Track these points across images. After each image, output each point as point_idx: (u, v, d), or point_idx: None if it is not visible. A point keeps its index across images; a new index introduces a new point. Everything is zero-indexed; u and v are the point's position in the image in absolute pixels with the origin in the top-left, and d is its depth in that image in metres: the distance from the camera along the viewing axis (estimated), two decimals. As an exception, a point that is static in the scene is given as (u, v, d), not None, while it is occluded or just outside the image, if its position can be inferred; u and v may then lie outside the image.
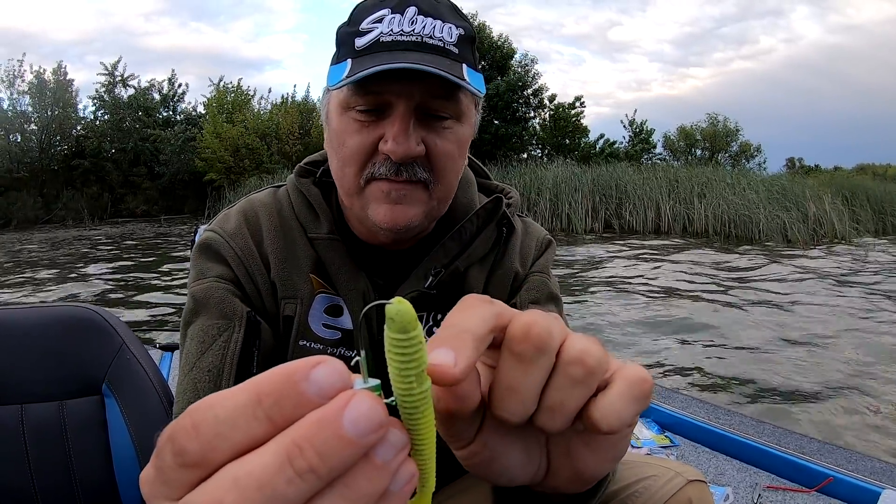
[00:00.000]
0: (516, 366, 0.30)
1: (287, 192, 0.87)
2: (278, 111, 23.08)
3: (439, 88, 0.71)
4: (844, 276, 7.91)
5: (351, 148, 0.73)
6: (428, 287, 0.80)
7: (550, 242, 0.95)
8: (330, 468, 0.20)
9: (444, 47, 0.71)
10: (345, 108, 0.74)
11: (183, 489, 0.21)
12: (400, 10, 0.71)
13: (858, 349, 4.48)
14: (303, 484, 0.20)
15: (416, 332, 0.23)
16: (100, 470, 1.10)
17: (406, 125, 0.71)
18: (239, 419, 0.21)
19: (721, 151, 27.33)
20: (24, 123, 22.62)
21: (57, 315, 1.13)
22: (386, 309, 0.23)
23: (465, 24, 0.75)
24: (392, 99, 0.71)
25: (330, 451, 0.20)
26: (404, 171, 0.72)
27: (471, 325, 0.29)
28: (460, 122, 0.76)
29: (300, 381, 0.21)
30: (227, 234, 0.82)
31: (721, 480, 2.04)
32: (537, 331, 0.30)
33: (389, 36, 0.70)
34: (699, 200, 13.85)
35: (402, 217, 0.74)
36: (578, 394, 0.31)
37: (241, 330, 0.76)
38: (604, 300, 6.39)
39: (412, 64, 0.66)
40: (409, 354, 0.23)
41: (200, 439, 0.21)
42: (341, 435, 0.20)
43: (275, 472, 0.20)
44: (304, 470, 0.20)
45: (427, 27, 0.71)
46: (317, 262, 0.81)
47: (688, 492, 0.93)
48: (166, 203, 23.33)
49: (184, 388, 0.75)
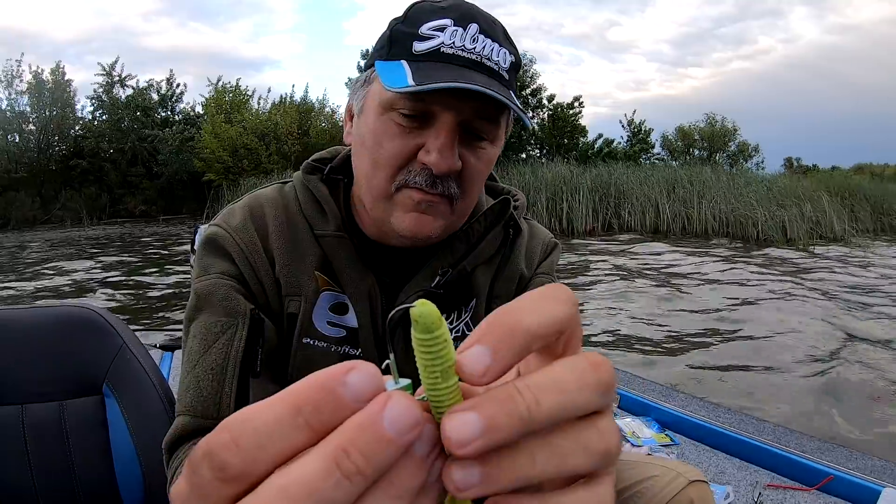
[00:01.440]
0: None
1: (294, 188, 0.86)
2: (277, 111, 23.04)
3: (488, 110, 0.71)
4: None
5: (389, 151, 0.72)
6: (435, 286, 0.80)
7: (556, 245, 0.96)
8: (375, 468, 0.21)
9: (499, 71, 0.72)
10: (386, 109, 0.72)
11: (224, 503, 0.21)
12: (462, 25, 0.70)
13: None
14: (351, 486, 0.20)
15: (440, 331, 0.23)
16: (100, 470, 1.09)
17: (452, 140, 0.71)
18: (279, 430, 0.21)
19: (719, 151, 27.34)
20: (22, 123, 22.61)
21: (57, 315, 1.13)
22: (410, 311, 0.23)
23: (515, 51, 0.76)
24: (440, 111, 0.70)
25: (374, 452, 0.20)
26: (440, 185, 0.72)
27: (529, 323, 0.25)
28: (494, 144, 0.77)
29: (337, 387, 0.21)
30: (231, 229, 0.81)
31: (721, 479, 2.04)
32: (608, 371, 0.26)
33: (451, 49, 0.70)
34: (698, 200, 13.87)
35: (426, 228, 0.74)
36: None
37: (245, 328, 0.75)
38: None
39: (481, 87, 0.66)
40: (434, 353, 0.23)
41: (242, 453, 0.21)
42: (383, 435, 0.21)
43: (323, 477, 0.20)
44: (351, 472, 0.20)
45: (487, 48, 0.71)
46: (323, 260, 0.81)
47: (689, 492, 0.94)
48: (165, 203, 23.28)
49: (186, 386, 0.75)
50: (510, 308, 0.25)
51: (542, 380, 0.24)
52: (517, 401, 0.22)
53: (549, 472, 0.23)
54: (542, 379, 0.24)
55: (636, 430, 2.34)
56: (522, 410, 0.22)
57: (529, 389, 0.23)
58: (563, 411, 0.23)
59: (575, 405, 0.24)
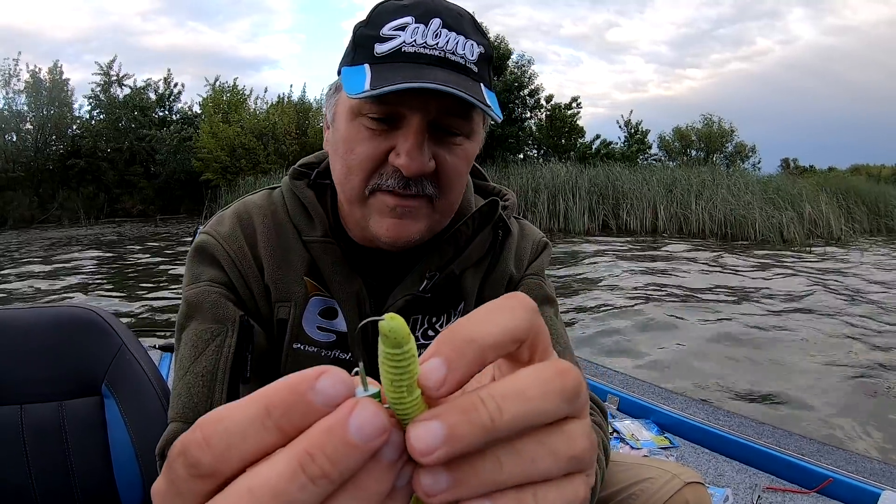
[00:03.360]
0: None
1: (282, 193, 0.86)
2: (275, 111, 23.02)
3: (456, 106, 0.70)
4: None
5: (360, 156, 0.72)
6: (422, 290, 0.80)
7: (546, 245, 0.95)
8: (341, 472, 0.21)
9: (465, 65, 0.70)
10: (355, 114, 0.72)
11: (196, 500, 0.22)
12: (424, 21, 0.69)
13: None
14: (316, 489, 0.21)
15: (408, 346, 0.23)
16: (99, 470, 1.09)
17: (420, 141, 0.69)
18: (249, 430, 0.22)
19: (716, 152, 27.41)
20: (19, 123, 22.52)
21: (56, 315, 1.13)
22: (379, 325, 0.23)
23: (485, 41, 0.73)
24: (407, 112, 0.69)
25: (340, 456, 0.21)
26: (413, 186, 0.71)
27: (482, 335, 0.25)
28: (470, 139, 0.75)
29: (307, 391, 0.22)
30: (221, 236, 0.81)
31: (721, 482, 2.04)
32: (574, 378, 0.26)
33: (412, 47, 0.68)
34: (696, 201, 13.89)
35: (405, 232, 0.73)
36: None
37: (235, 334, 0.76)
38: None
39: (438, 85, 0.64)
40: (402, 367, 0.23)
41: (213, 451, 0.21)
42: (349, 441, 0.21)
43: (288, 479, 0.21)
44: (316, 476, 0.21)
45: (450, 42, 0.69)
46: (311, 265, 0.81)
47: (685, 494, 0.94)
48: (162, 203, 23.23)
49: (178, 393, 0.75)
50: (464, 320, 0.26)
51: (505, 388, 0.24)
52: (480, 410, 0.23)
53: (517, 477, 0.24)
54: (505, 387, 0.24)
55: (635, 433, 2.34)
56: (485, 419, 0.23)
57: (493, 399, 0.23)
58: (526, 419, 0.24)
59: (539, 412, 0.24)
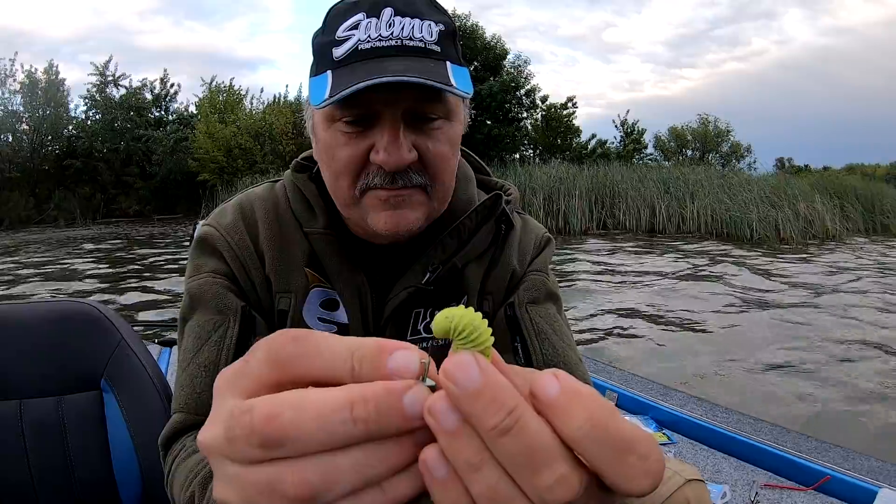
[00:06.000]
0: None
1: (284, 186, 0.86)
2: (271, 111, 22.96)
3: (427, 91, 0.68)
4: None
5: (342, 161, 0.71)
6: (425, 283, 0.79)
7: (549, 241, 0.94)
8: (380, 427, 0.24)
9: (426, 48, 0.69)
10: (330, 121, 0.72)
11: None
12: (375, 14, 0.68)
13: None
14: (353, 429, 0.24)
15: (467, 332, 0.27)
16: (98, 465, 1.09)
17: (395, 134, 0.69)
18: (336, 361, 0.25)
19: (712, 152, 27.47)
20: (15, 123, 22.44)
21: (55, 310, 1.12)
22: (432, 326, 0.28)
23: (444, 18, 0.72)
24: (379, 108, 0.69)
25: (385, 412, 0.24)
26: (400, 179, 0.71)
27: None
28: (450, 120, 0.74)
29: (384, 353, 0.25)
30: (223, 228, 0.81)
31: (718, 478, 2.04)
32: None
33: (368, 43, 0.67)
34: (692, 200, 13.92)
35: (403, 222, 0.73)
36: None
37: (237, 325, 0.76)
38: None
39: (394, 77, 0.63)
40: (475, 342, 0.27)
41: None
42: (399, 406, 0.24)
43: (335, 409, 0.24)
44: (359, 418, 0.24)
45: (406, 28, 0.68)
46: (312, 256, 0.81)
47: (685, 491, 0.94)
48: (159, 203, 23.17)
49: (181, 384, 0.76)
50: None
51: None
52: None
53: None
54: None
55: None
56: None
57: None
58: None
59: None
